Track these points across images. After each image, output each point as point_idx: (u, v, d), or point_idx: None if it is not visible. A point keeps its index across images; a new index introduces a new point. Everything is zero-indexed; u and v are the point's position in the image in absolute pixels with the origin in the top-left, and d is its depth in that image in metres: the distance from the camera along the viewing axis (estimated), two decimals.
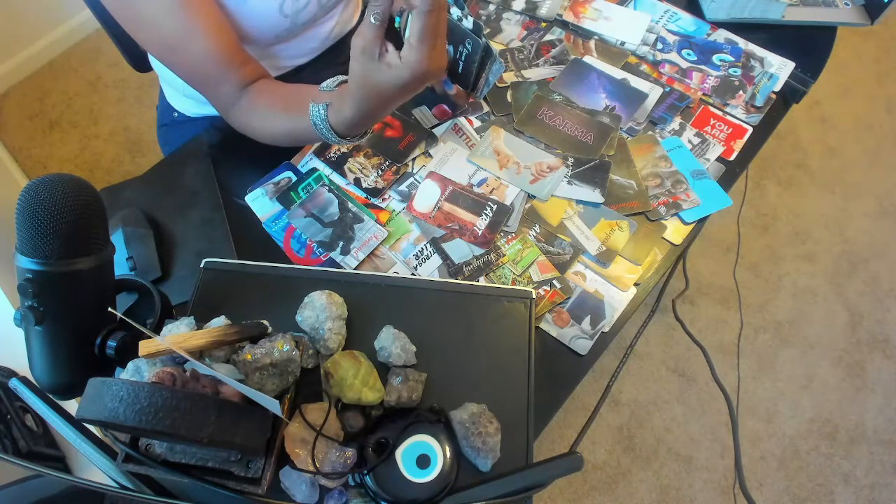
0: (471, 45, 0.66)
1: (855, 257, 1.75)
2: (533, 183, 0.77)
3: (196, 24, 0.65)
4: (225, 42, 0.67)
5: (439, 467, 0.52)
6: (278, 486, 0.52)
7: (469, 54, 0.67)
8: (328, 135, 0.63)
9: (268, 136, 0.70)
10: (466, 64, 0.68)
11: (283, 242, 0.73)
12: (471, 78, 0.69)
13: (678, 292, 1.53)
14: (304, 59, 0.89)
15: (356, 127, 0.62)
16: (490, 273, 0.71)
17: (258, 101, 0.69)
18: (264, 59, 0.85)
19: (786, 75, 0.87)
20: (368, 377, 0.55)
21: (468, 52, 0.67)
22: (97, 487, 0.45)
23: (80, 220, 0.49)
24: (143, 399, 0.42)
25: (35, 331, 0.50)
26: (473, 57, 0.66)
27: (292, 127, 0.66)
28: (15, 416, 0.70)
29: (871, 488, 1.45)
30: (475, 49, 0.65)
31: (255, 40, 0.79)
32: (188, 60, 0.67)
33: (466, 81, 0.71)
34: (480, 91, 0.71)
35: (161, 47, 0.68)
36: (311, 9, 0.79)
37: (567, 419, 1.45)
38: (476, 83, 0.70)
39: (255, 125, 0.70)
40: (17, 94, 1.94)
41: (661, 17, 0.92)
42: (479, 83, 0.70)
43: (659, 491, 1.44)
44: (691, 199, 0.76)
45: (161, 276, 0.70)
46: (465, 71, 0.70)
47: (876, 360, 1.60)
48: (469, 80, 0.70)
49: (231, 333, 0.53)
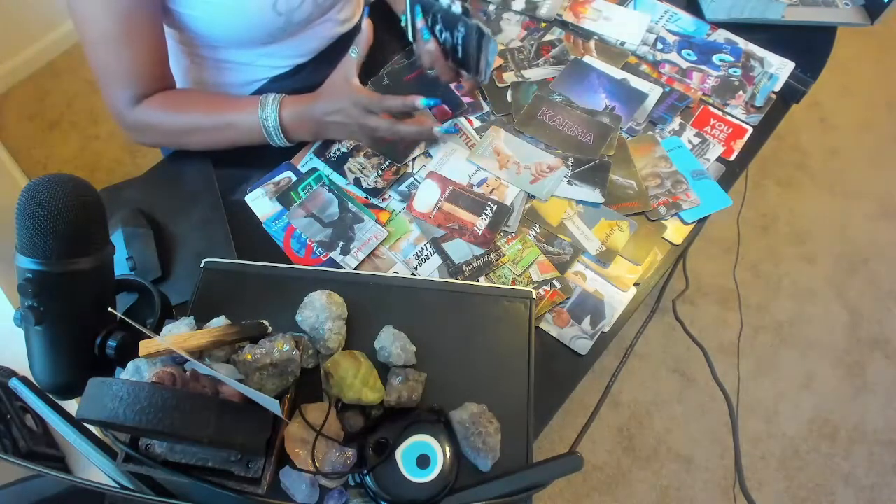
0: (464, 29, 0.68)
1: (855, 258, 1.75)
2: (533, 183, 0.77)
3: (132, 32, 0.69)
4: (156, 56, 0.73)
5: (439, 467, 0.52)
6: (278, 486, 0.52)
7: (465, 37, 0.68)
8: (271, 113, 0.72)
9: (173, 129, 0.75)
10: (465, 47, 0.70)
11: (283, 242, 0.73)
12: (472, 61, 0.71)
13: (678, 292, 1.53)
14: (305, 58, 0.89)
15: (304, 121, 0.74)
16: (490, 273, 0.71)
17: (171, 98, 0.76)
18: (263, 59, 0.85)
19: (786, 75, 0.87)
20: (368, 377, 0.55)
21: (463, 35, 0.68)
22: (97, 487, 0.45)
23: (80, 220, 0.49)
24: (143, 399, 0.42)
25: (35, 331, 0.50)
26: (469, 39, 0.68)
27: (209, 116, 0.75)
28: (15, 416, 0.70)
29: (871, 488, 1.45)
30: (469, 31, 0.67)
31: (248, 39, 0.79)
32: (113, 59, 0.70)
33: (469, 65, 0.72)
34: (484, 73, 0.72)
35: (93, 39, 0.69)
36: (306, 8, 0.79)
37: (567, 419, 1.45)
38: (478, 65, 0.71)
39: (157, 120, 0.75)
40: (17, 94, 1.94)
41: (661, 17, 0.92)
42: (480, 65, 0.71)
43: (659, 491, 1.44)
44: (691, 199, 0.76)
45: (161, 276, 0.70)
46: (465, 54, 0.71)
47: (876, 361, 1.60)
48: (471, 64, 0.71)
49: (231, 333, 0.53)
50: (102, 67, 0.71)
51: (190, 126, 0.75)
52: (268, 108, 0.72)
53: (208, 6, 0.72)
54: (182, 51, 0.86)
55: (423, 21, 0.74)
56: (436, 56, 0.76)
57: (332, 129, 0.75)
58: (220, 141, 0.76)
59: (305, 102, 0.74)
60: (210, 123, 0.75)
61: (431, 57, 0.76)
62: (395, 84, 0.85)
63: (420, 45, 0.77)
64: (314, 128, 0.75)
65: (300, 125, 0.74)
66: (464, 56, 0.72)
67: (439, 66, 0.77)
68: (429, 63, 0.78)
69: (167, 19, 0.76)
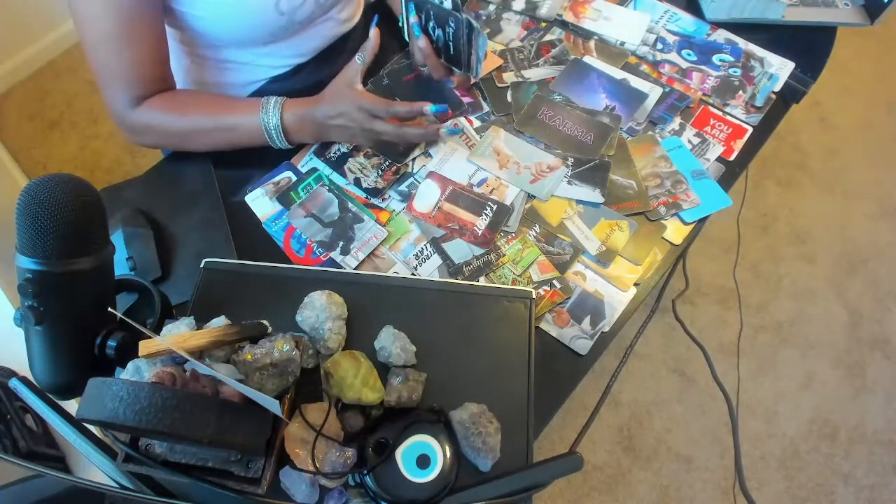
0: (454, 23, 0.68)
1: (855, 258, 1.75)
2: (533, 183, 0.77)
3: (132, 32, 0.68)
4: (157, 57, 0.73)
5: (439, 467, 0.52)
6: (278, 486, 0.52)
7: (455, 32, 0.69)
8: (273, 115, 0.72)
9: (173, 131, 0.75)
10: (455, 42, 0.70)
11: (283, 242, 0.73)
12: (462, 56, 0.71)
13: (678, 292, 1.53)
14: (305, 57, 0.88)
15: (306, 124, 0.74)
16: (490, 273, 0.71)
17: (171, 100, 0.75)
18: (263, 58, 0.85)
19: (786, 75, 0.86)
20: (368, 377, 0.55)
21: (453, 30, 0.69)
22: (97, 487, 0.45)
23: (80, 220, 0.49)
24: (143, 399, 0.42)
25: (35, 331, 0.50)
26: (459, 34, 0.69)
27: (210, 118, 0.74)
28: (15, 416, 0.70)
29: (871, 488, 1.45)
30: (458, 26, 0.68)
31: (250, 38, 0.79)
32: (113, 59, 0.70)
33: (459, 61, 0.73)
34: (475, 69, 0.73)
35: (93, 39, 0.69)
36: (308, 7, 0.79)
37: (567, 419, 1.45)
38: (469, 62, 0.72)
39: (157, 122, 0.74)
40: (17, 94, 1.94)
41: (661, 17, 0.92)
42: (471, 61, 0.72)
43: (659, 491, 1.44)
44: (691, 199, 0.76)
45: (161, 276, 0.70)
46: (455, 50, 0.72)
47: (876, 361, 1.60)
48: (461, 59, 0.72)
49: (231, 333, 0.53)
50: (103, 68, 0.71)
51: (190, 128, 0.75)
52: (270, 110, 0.73)
53: (211, 6, 0.72)
54: (183, 51, 0.86)
55: (416, 18, 0.75)
56: (427, 53, 0.77)
57: (334, 132, 0.75)
58: (221, 143, 0.76)
59: (308, 105, 0.74)
60: (211, 125, 0.75)
61: (423, 54, 0.77)
62: (395, 84, 0.85)
63: (413, 43, 0.78)
64: (316, 130, 0.75)
65: (302, 128, 0.74)
66: (455, 52, 0.73)
67: (431, 63, 0.78)
68: (421, 60, 0.79)
69: (169, 19, 0.76)
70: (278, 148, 0.76)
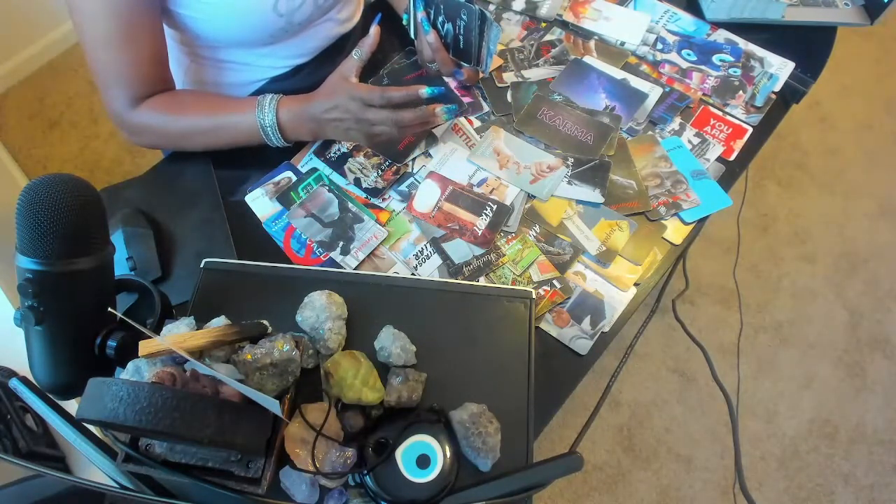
0: (466, 16, 0.67)
1: (855, 257, 1.75)
2: (533, 183, 0.77)
3: (131, 33, 0.69)
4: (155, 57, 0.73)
5: (439, 467, 0.52)
6: (278, 486, 0.52)
7: (466, 25, 0.68)
8: (268, 113, 0.72)
9: (171, 132, 0.75)
10: (466, 36, 0.69)
11: (283, 242, 0.73)
12: (472, 50, 0.70)
13: (678, 292, 1.53)
14: (304, 58, 0.88)
15: (302, 120, 0.74)
16: (490, 273, 0.71)
17: (169, 100, 0.75)
18: (263, 59, 0.85)
19: (786, 75, 0.87)
20: (368, 377, 0.55)
21: (465, 23, 0.68)
22: (97, 487, 0.45)
23: (80, 220, 0.49)
24: (143, 399, 0.42)
25: (35, 331, 0.50)
26: (471, 27, 0.68)
27: (208, 118, 0.75)
28: (15, 416, 0.70)
29: (871, 488, 1.45)
30: (471, 18, 0.67)
31: (249, 40, 0.79)
32: (112, 60, 0.70)
33: (469, 56, 0.72)
34: (485, 63, 0.71)
35: (92, 40, 0.69)
36: (306, 8, 0.79)
37: (567, 419, 1.45)
38: (479, 55, 0.71)
39: (156, 122, 0.74)
40: (17, 94, 1.94)
41: (660, 17, 0.92)
42: (481, 55, 0.71)
43: (659, 491, 1.44)
44: (691, 199, 0.76)
45: (161, 276, 0.70)
46: (465, 45, 0.71)
47: (876, 360, 1.60)
48: (472, 54, 0.71)
49: (231, 333, 0.53)
50: (102, 69, 0.71)
51: (188, 128, 0.75)
52: (265, 108, 0.72)
53: (208, 8, 0.72)
54: (182, 51, 0.86)
55: (424, 13, 0.75)
56: (436, 47, 0.76)
57: (329, 127, 0.74)
58: (219, 142, 0.76)
59: (303, 102, 0.73)
60: (208, 125, 0.75)
61: (432, 49, 0.76)
62: (395, 83, 0.86)
63: (420, 39, 0.77)
64: (312, 127, 0.75)
65: (298, 125, 0.74)
66: (465, 46, 0.71)
67: (440, 58, 0.77)
68: (429, 56, 0.78)
69: (167, 21, 0.76)
70: (275, 146, 0.76)
